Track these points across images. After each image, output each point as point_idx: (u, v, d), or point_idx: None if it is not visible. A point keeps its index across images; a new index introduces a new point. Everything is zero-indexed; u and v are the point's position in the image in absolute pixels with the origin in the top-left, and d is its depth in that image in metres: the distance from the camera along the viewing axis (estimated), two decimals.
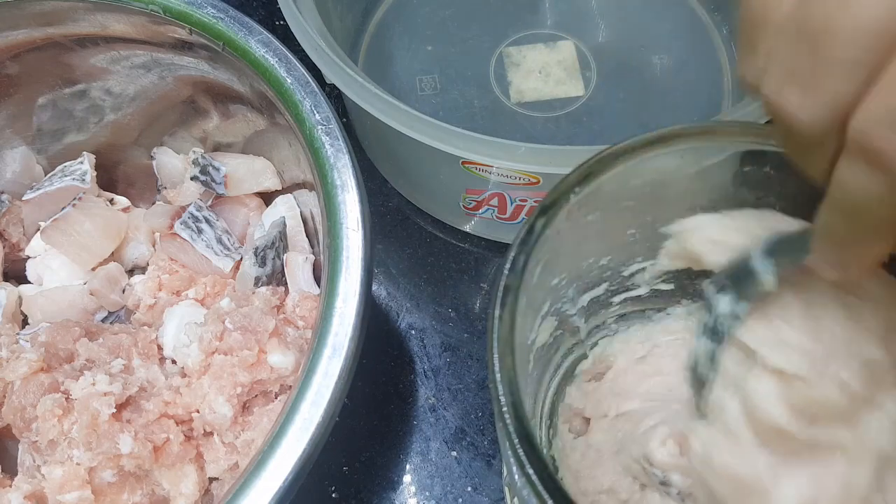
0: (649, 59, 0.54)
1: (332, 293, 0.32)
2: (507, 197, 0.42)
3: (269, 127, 0.42)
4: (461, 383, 0.47)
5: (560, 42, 0.55)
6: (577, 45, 0.55)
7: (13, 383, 0.36)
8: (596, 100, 0.53)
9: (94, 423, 0.34)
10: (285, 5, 0.42)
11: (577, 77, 0.53)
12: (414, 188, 0.50)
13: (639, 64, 0.54)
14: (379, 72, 0.54)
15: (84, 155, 0.45)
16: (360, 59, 0.55)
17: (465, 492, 0.43)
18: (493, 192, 0.42)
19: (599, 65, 0.54)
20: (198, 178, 0.43)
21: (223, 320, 0.36)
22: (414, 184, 0.50)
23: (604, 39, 0.55)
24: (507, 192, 0.42)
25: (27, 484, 0.35)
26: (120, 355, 0.37)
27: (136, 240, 0.44)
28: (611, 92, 0.53)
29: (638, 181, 0.29)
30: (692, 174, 0.30)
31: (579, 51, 0.54)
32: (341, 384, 0.30)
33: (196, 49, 0.40)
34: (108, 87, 0.44)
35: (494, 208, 0.43)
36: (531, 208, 0.42)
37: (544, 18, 0.56)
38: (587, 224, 0.30)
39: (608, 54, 0.54)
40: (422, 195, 0.50)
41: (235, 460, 0.36)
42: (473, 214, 0.45)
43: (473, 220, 0.47)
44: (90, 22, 0.40)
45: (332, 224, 0.33)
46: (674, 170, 0.29)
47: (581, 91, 0.53)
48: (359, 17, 0.56)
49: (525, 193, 0.41)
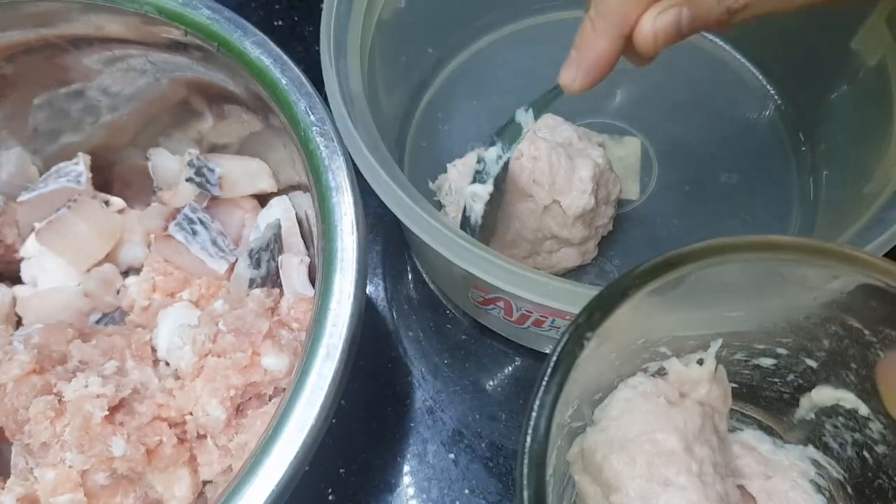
0: (717, 175, 0.50)
1: (327, 295, 0.32)
2: (514, 304, 0.40)
3: (265, 128, 0.42)
4: (458, 385, 0.46)
5: (627, 138, 0.51)
6: (645, 143, 0.51)
7: (6, 385, 0.35)
8: (648, 208, 0.49)
9: (86, 425, 0.33)
10: (328, 79, 0.39)
11: (635, 179, 0.50)
12: (429, 267, 0.49)
13: (704, 179, 0.50)
14: (433, 133, 0.52)
15: (79, 156, 0.45)
16: (417, 112, 0.53)
17: (463, 494, 0.43)
18: (499, 295, 0.40)
19: (662, 170, 0.50)
20: (193, 180, 0.43)
21: (217, 322, 0.36)
22: (429, 263, 0.48)
23: (673, 144, 0.51)
24: (513, 301, 0.40)
25: (20, 486, 0.34)
26: (113, 357, 0.37)
27: (131, 241, 0.44)
28: (665, 202, 0.49)
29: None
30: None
31: (644, 151, 0.51)
32: (335, 386, 0.30)
33: (191, 50, 0.39)
34: (104, 88, 0.44)
35: (501, 309, 0.42)
36: (537, 320, 0.40)
37: (619, 107, 0.52)
38: (603, 355, 0.28)
39: (674, 161, 0.50)
40: (436, 275, 0.49)
41: (229, 463, 0.36)
42: (482, 308, 0.43)
43: (483, 313, 0.45)
44: (84, 23, 0.40)
45: (327, 226, 0.33)
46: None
47: (636, 195, 0.49)
48: (428, 71, 0.54)
49: (530, 306, 0.39)
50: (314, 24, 0.61)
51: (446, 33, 0.54)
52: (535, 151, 0.44)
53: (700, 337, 0.30)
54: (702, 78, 0.54)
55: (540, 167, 0.43)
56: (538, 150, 0.44)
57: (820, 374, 0.30)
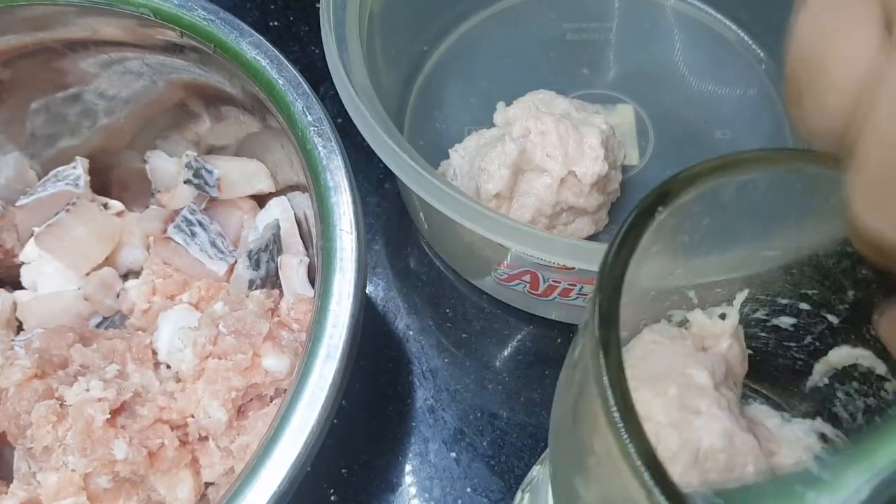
0: (712, 133, 0.51)
1: (326, 295, 0.32)
2: (541, 276, 0.41)
3: (262, 129, 0.42)
4: (459, 384, 0.46)
5: (620, 105, 0.52)
6: (638, 110, 0.52)
7: (7, 390, 0.35)
8: (651, 171, 0.50)
9: (88, 429, 0.33)
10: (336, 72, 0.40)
11: (633, 145, 0.51)
12: (446, 248, 0.49)
13: (700, 137, 0.51)
14: (429, 116, 0.52)
15: (77, 160, 0.45)
16: (410, 102, 0.53)
17: (465, 493, 0.43)
18: (526, 269, 0.41)
19: (658, 134, 0.51)
20: (191, 182, 0.43)
21: (217, 324, 0.36)
22: (447, 245, 0.48)
23: (666, 107, 0.52)
24: (541, 273, 0.40)
25: (23, 491, 0.34)
26: (114, 361, 0.37)
27: (130, 244, 0.44)
28: (667, 164, 0.50)
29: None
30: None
31: (639, 116, 0.52)
32: (336, 387, 0.30)
33: (187, 51, 0.39)
34: (101, 91, 0.44)
35: (527, 283, 0.42)
36: (565, 289, 0.41)
37: (607, 78, 0.53)
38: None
39: (669, 123, 0.51)
40: (454, 257, 0.49)
41: (231, 465, 0.36)
42: (504, 285, 0.44)
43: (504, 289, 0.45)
44: (81, 26, 0.40)
45: (326, 226, 0.33)
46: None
47: (636, 160, 0.50)
48: (415, 59, 0.54)
49: (559, 276, 0.40)
50: (310, 24, 0.61)
51: (429, 22, 0.55)
52: (543, 126, 0.44)
53: (728, 283, 0.30)
54: (687, 43, 0.55)
55: (550, 141, 0.44)
56: (545, 125, 0.44)
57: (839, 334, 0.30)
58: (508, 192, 0.43)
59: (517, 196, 0.44)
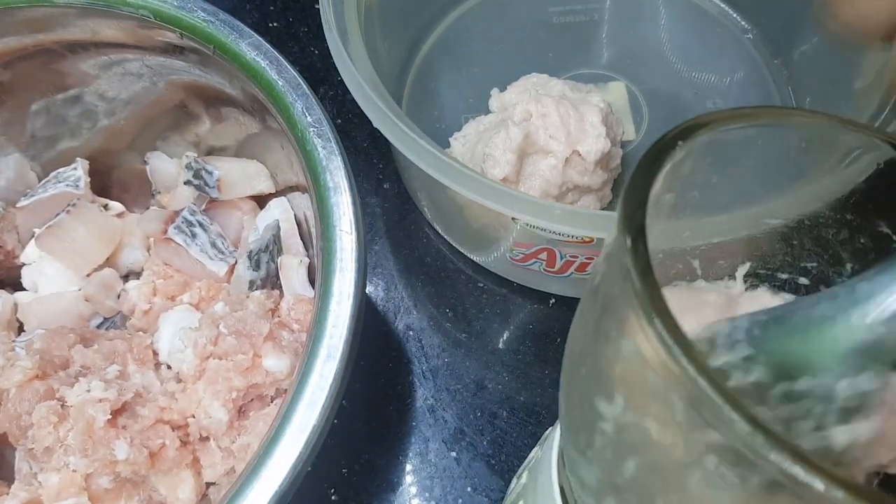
0: (703, 103, 0.52)
1: (326, 296, 0.32)
2: (558, 252, 0.41)
3: (262, 130, 0.42)
4: (460, 384, 0.47)
5: (611, 83, 0.53)
6: (629, 86, 0.53)
7: (8, 391, 0.35)
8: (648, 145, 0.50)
9: (89, 429, 0.33)
10: (336, 51, 0.40)
11: (628, 120, 0.52)
12: (456, 232, 0.49)
13: (692, 109, 0.52)
14: (424, 108, 0.53)
15: (77, 161, 0.45)
16: (405, 95, 0.54)
17: (465, 492, 0.43)
18: (542, 246, 0.41)
19: (651, 108, 0.52)
20: (191, 183, 0.43)
21: (218, 325, 0.36)
22: (457, 228, 0.49)
23: (656, 82, 0.53)
24: (558, 248, 0.41)
25: (24, 491, 0.35)
26: (115, 361, 0.37)
27: (130, 245, 0.44)
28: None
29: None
30: None
31: (631, 93, 0.53)
32: (337, 387, 0.30)
33: (187, 53, 0.40)
34: (101, 92, 0.44)
35: (543, 262, 0.42)
36: (582, 264, 0.41)
37: (597, 58, 0.54)
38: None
39: (661, 98, 0.52)
40: (466, 241, 0.49)
41: (232, 465, 0.36)
42: (520, 266, 0.44)
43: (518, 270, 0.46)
44: (81, 28, 0.40)
45: (325, 226, 0.33)
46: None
47: (632, 135, 0.51)
48: (405, 52, 0.55)
49: (577, 251, 0.40)
50: (309, 25, 0.61)
51: (418, 14, 0.55)
52: (544, 109, 0.44)
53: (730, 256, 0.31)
54: (672, 20, 0.56)
55: (552, 122, 0.44)
56: (546, 107, 0.44)
57: None
58: (515, 175, 0.44)
59: (523, 179, 0.45)
